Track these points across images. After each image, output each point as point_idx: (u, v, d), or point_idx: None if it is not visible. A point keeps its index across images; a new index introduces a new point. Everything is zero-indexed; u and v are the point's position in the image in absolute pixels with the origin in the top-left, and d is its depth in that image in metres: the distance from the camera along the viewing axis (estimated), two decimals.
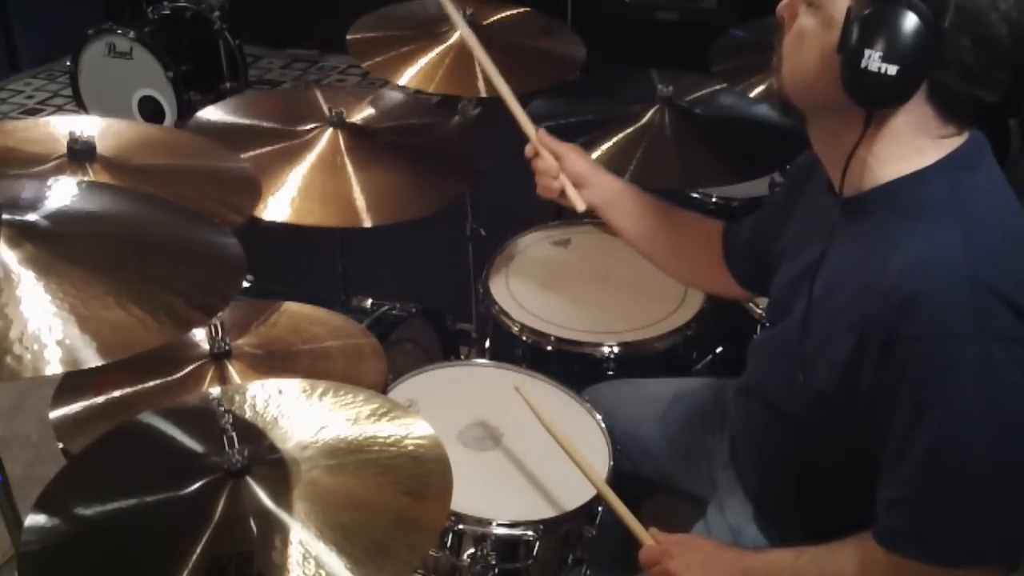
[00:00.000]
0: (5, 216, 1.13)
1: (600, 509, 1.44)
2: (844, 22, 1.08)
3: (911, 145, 1.13)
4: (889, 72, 1.06)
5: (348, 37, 2.24)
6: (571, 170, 1.64)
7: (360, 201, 1.81)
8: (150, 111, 3.92)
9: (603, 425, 1.59)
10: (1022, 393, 1.05)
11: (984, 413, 1.04)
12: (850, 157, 1.15)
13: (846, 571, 1.16)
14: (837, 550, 1.18)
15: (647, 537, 1.32)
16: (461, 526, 1.40)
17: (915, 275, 1.06)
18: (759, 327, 1.82)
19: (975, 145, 1.15)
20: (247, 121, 2.00)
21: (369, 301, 2.05)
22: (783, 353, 1.26)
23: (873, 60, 1.06)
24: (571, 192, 1.63)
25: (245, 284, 1.98)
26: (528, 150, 1.67)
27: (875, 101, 1.10)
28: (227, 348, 1.55)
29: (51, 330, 1.03)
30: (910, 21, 1.04)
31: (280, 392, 1.30)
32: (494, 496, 1.46)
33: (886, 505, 1.12)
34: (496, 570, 1.41)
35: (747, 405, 1.41)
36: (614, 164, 1.99)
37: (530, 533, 1.40)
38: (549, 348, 1.85)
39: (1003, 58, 1.07)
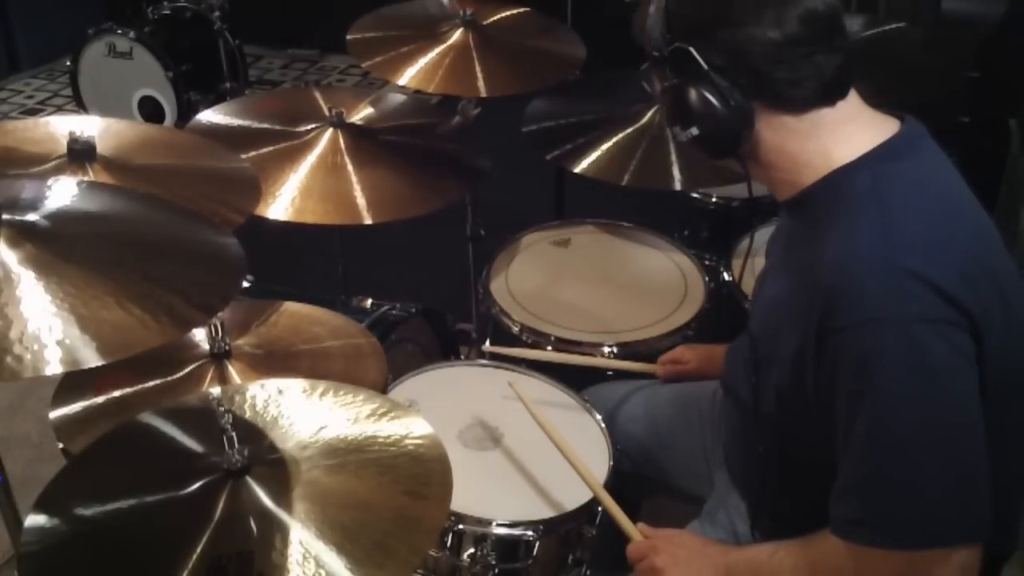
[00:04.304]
0: (5, 216, 1.13)
1: (600, 509, 1.44)
2: None
3: (808, 151, 1.18)
4: (694, 133, 1.18)
5: (348, 37, 2.25)
6: None
7: (360, 200, 1.82)
8: (150, 111, 3.92)
9: (603, 425, 1.59)
10: (952, 371, 1.07)
11: (916, 395, 1.06)
12: (749, 189, 1.27)
13: (818, 563, 1.18)
14: (810, 543, 1.19)
15: (635, 532, 1.34)
16: (461, 526, 1.40)
17: (836, 267, 1.10)
18: None
19: (908, 136, 1.18)
20: (247, 123, 2.00)
21: (369, 301, 2.05)
22: (745, 356, 1.30)
23: (679, 135, 1.20)
24: None
25: (245, 284, 1.98)
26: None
27: (716, 156, 1.22)
28: (227, 348, 1.55)
29: (51, 330, 1.03)
30: (682, 89, 1.16)
31: (280, 392, 1.30)
32: (494, 496, 1.46)
33: (837, 495, 1.14)
34: (496, 570, 1.41)
35: (725, 406, 1.44)
36: (614, 164, 1.99)
37: (530, 533, 1.40)
38: (549, 348, 1.85)
39: (799, 39, 1.12)
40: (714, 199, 2.37)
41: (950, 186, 1.18)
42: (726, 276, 2.04)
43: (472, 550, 1.41)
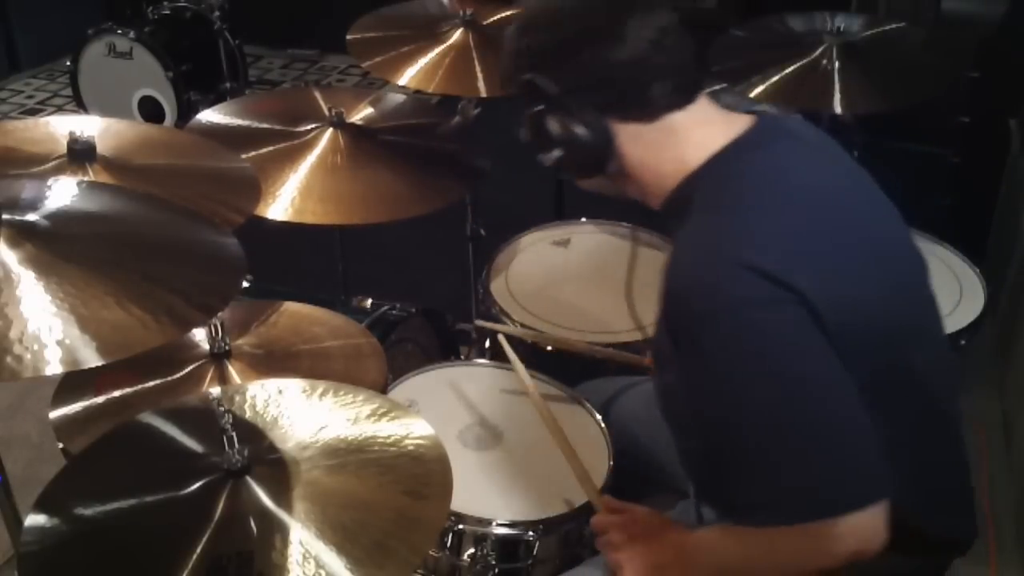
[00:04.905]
0: (5, 216, 1.13)
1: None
2: None
3: (665, 159, 1.22)
4: (558, 156, 1.22)
5: (348, 37, 2.25)
6: None
7: (359, 200, 1.82)
8: (150, 111, 3.92)
9: (603, 425, 1.59)
10: (792, 347, 1.09)
11: (760, 377, 1.09)
12: (626, 200, 1.30)
13: (741, 541, 1.19)
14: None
15: (602, 504, 1.35)
16: (461, 526, 1.40)
17: (674, 269, 1.15)
18: None
19: (759, 131, 1.21)
20: (247, 123, 2.00)
21: (369, 301, 2.05)
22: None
23: (545, 159, 1.24)
24: None
25: (245, 284, 1.98)
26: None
27: (584, 175, 1.28)
28: (227, 348, 1.55)
29: (51, 330, 1.03)
30: (539, 117, 1.21)
31: (280, 392, 1.30)
32: (494, 496, 1.46)
33: (722, 483, 1.16)
34: (496, 570, 1.41)
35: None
36: None
37: (530, 533, 1.41)
38: (549, 348, 1.85)
39: (639, 47, 1.17)
40: None
41: (808, 174, 1.21)
42: None
43: (472, 550, 1.41)
